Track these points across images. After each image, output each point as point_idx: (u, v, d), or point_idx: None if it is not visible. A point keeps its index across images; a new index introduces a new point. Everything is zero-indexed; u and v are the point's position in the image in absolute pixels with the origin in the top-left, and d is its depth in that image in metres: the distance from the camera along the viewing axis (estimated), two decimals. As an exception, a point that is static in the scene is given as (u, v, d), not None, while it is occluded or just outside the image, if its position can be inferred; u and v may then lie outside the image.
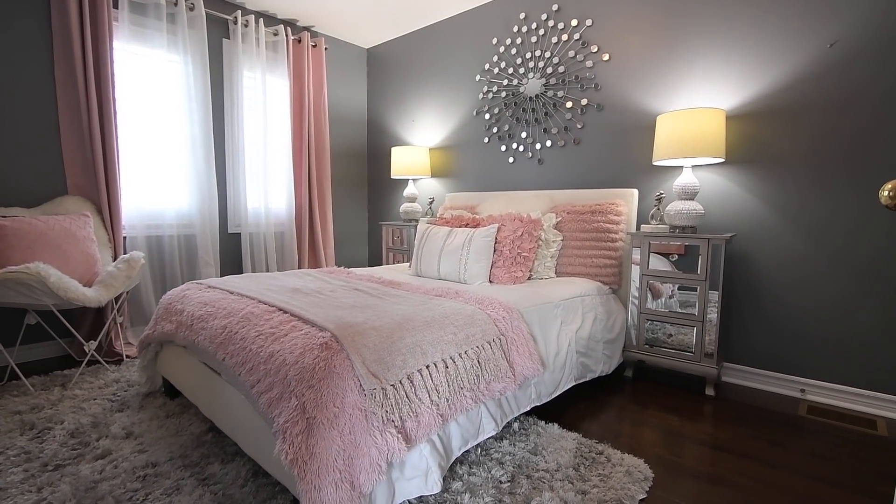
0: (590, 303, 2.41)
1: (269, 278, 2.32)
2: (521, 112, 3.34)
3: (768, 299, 2.42)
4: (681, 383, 2.53)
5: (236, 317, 1.65)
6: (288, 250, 3.90)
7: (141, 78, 3.14)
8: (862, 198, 2.16)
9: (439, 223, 2.95)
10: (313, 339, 1.36)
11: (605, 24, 2.90)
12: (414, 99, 4.12)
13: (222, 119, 3.58)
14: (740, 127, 2.45)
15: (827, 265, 2.25)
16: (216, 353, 1.59)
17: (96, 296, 2.35)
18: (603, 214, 2.67)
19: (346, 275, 2.55)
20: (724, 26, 2.46)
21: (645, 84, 2.76)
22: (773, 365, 2.44)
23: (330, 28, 4.03)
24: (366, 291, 2.04)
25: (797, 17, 2.26)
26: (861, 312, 2.18)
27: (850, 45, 2.15)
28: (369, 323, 1.48)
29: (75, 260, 2.48)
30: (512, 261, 2.52)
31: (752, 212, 2.45)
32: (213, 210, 3.45)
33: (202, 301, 1.88)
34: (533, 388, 1.90)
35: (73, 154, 2.88)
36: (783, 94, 2.33)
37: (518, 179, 3.41)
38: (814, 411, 2.20)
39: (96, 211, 2.88)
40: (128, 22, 3.04)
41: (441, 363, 1.50)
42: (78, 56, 2.81)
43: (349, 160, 4.51)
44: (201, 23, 3.33)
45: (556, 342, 2.07)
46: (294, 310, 1.61)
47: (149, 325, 2.14)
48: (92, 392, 2.27)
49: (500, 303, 1.90)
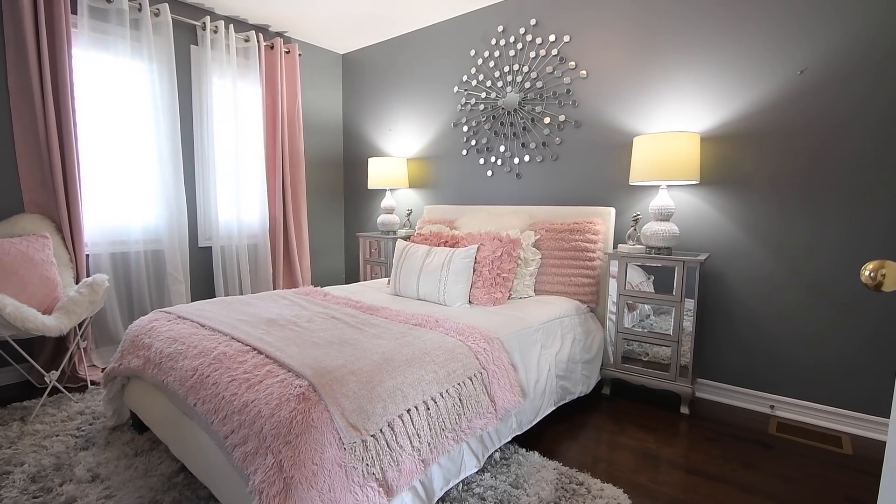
0: (568, 324, 2.43)
1: (243, 305, 2.25)
2: (500, 126, 3.32)
3: (740, 317, 2.49)
4: (657, 399, 2.57)
5: (208, 357, 1.58)
6: (262, 263, 3.80)
7: (103, 87, 2.98)
8: (818, 220, 2.22)
9: (418, 240, 2.91)
10: (290, 388, 1.32)
11: (583, 40, 2.90)
12: (391, 107, 4.06)
13: (191, 128, 3.44)
14: (714, 148, 2.49)
15: (790, 283, 2.32)
16: (186, 397, 1.52)
17: (57, 324, 2.23)
18: (581, 233, 2.69)
19: (322, 297, 2.49)
20: (700, 49, 2.49)
21: (622, 102, 2.78)
22: (744, 381, 2.50)
23: (303, 33, 3.93)
24: (343, 321, 2.00)
25: (770, 43, 2.30)
26: (825, 332, 2.25)
27: (819, 72, 2.20)
28: (348, 367, 1.44)
29: (33, 285, 2.35)
30: (492, 282, 2.51)
31: (724, 232, 2.50)
32: (181, 223, 3.32)
33: (171, 336, 1.80)
34: (514, 417, 1.90)
35: (30, 169, 2.72)
36: (755, 118, 2.37)
37: (497, 193, 3.40)
38: (783, 428, 2.27)
39: (56, 230, 2.73)
40: (88, 28, 2.88)
41: (422, 405, 1.47)
42: (34, 64, 2.65)
43: (325, 168, 4.42)
44: (167, 29, 3.18)
45: (537, 369, 2.07)
46: (269, 350, 1.55)
47: (114, 358, 2.04)
48: (54, 427, 2.16)
49: (480, 333, 1.89)
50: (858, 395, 2.20)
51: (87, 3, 2.87)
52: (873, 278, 0.76)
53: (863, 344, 2.18)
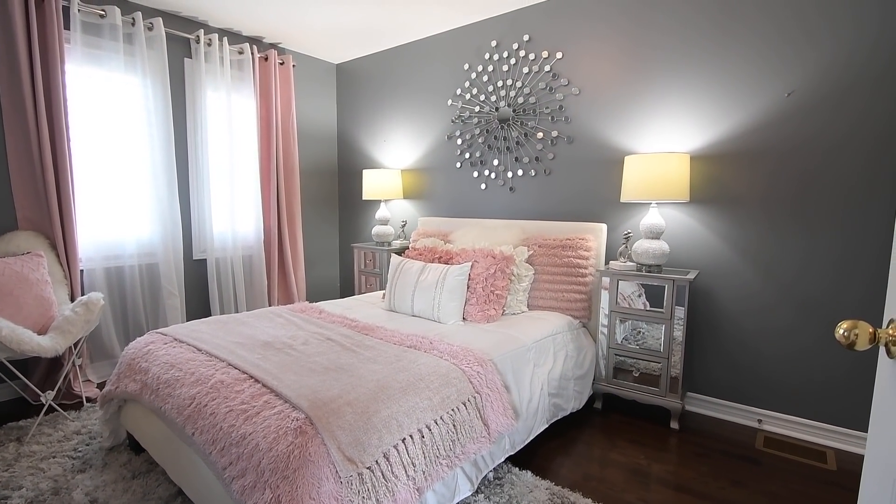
0: (561, 340, 2.47)
1: (239, 325, 2.26)
2: (493, 139, 3.35)
3: (728, 333, 2.54)
4: (648, 413, 2.62)
5: (205, 385, 1.60)
6: (257, 275, 3.81)
7: (97, 102, 2.98)
8: (807, 239, 2.28)
9: (413, 255, 2.94)
10: (287, 421, 1.34)
11: (576, 58, 2.93)
12: (386, 118, 4.08)
13: (185, 141, 3.44)
14: (703, 167, 2.54)
15: (779, 300, 2.37)
16: (184, 426, 1.54)
17: (52, 345, 2.24)
18: (573, 249, 2.73)
19: (318, 315, 2.51)
20: (691, 69, 2.53)
21: (614, 120, 2.81)
22: (732, 395, 2.55)
23: (297, 44, 3.93)
24: (339, 342, 2.02)
25: (759, 65, 2.35)
26: (811, 348, 2.31)
27: (809, 95, 2.24)
28: (344, 397, 1.47)
29: (28, 305, 2.36)
30: (485, 299, 2.55)
31: (714, 249, 2.54)
32: (176, 236, 3.33)
33: (168, 361, 1.82)
34: (507, 438, 1.93)
35: (24, 186, 2.72)
36: (744, 138, 2.42)
37: (490, 206, 3.44)
38: (770, 443, 2.32)
39: (50, 246, 2.74)
40: (81, 44, 2.88)
41: (417, 433, 1.51)
42: (26, 81, 2.64)
43: (320, 178, 4.43)
44: (161, 43, 3.18)
45: (529, 388, 2.11)
46: (266, 379, 1.58)
47: (111, 380, 2.06)
48: (51, 447, 2.17)
49: (474, 356, 1.92)
50: (843, 411, 2.26)
51: (81, 19, 2.87)
52: (847, 337, 0.79)
53: (847, 360, 2.23)
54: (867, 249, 2.15)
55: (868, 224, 2.14)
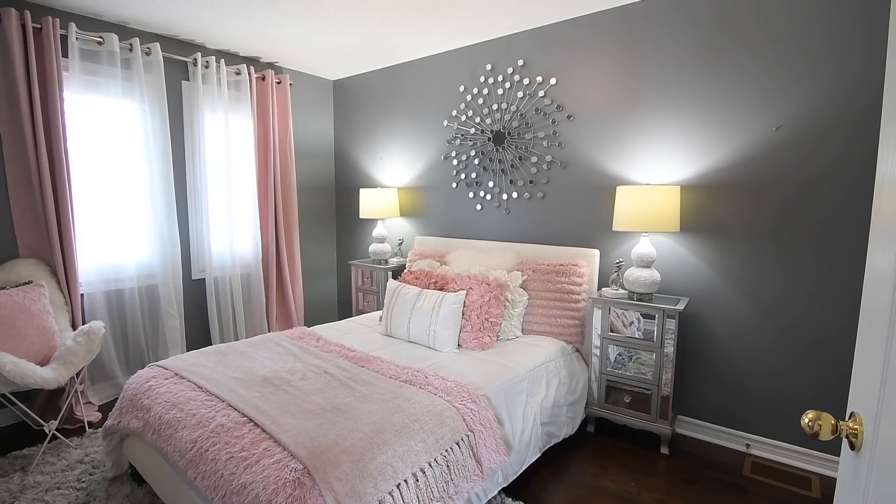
0: (554, 368, 2.52)
1: (238, 356, 2.31)
2: (489, 161, 3.39)
3: (717, 357, 2.59)
4: (639, 437, 2.67)
5: (206, 429, 1.65)
6: (255, 292, 3.85)
7: (95, 128, 3.01)
8: (792, 269, 2.33)
9: (409, 279, 2.98)
10: (285, 472, 1.39)
11: (569, 84, 2.97)
12: (382, 135, 4.11)
13: (183, 163, 3.48)
14: (694, 197, 2.58)
15: (767, 329, 2.43)
16: (186, 469, 1.59)
17: (55, 376, 2.28)
18: (567, 276, 2.78)
19: (315, 342, 2.56)
20: (681, 102, 2.57)
21: (606, 147, 2.86)
22: (721, 419, 2.62)
23: (294, 62, 3.95)
24: (336, 376, 2.07)
25: (746, 101, 2.39)
26: (793, 373, 2.37)
27: (794, 130, 2.29)
28: (340, 444, 1.52)
29: (31, 336, 2.40)
30: (480, 326, 2.60)
31: (703, 277, 2.60)
32: (175, 257, 3.37)
33: (170, 401, 1.87)
34: (500, 471, 1.99)
35: (24, 214, 2.76)
36: (733, 170, 2.47)
37: (485, 227, 3.48)
38: (757, 468, 2.38)
39: (51, 273, 2.77)
40: (79, 71, 2.91)
41: (412, 478, 1.56)
42: (25, 109, 2.67)
43: (317, 194, 4.46)
44: (158, 67, 3.21)
45: (522, 420, 2.16)
46: (265, 423, 1.63)
47: (113, 414, 2.10)
48: (55, 477, 2.22)
49: (468, 392, 1.97)
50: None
51: (79, 47, 2.89)
52: (811, 427, 0.84)
53: (831, 386, 2.29)
54: (846, 277, 2.20)
55: (846, 253, 2.20)
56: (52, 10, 2.84)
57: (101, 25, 3.02)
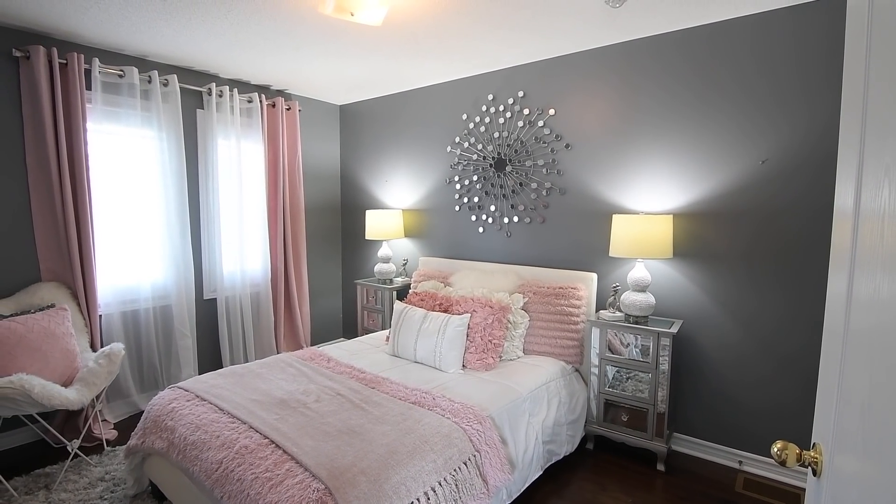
0: (554, 388, 2.64)
1: (254, 378, 2.42)
2: (490, 186, 3.54)
3: (711, 378, 2.72)
4: (636, 454, 2.78)
5: (231, 450, 1.77)
6: (264, 310, 3.97)
7: (115, 156, 3.16)
8: (784, 296, 2.46)
9: (414, 301, 3.11)
10: (308, 492, 1.51)
11: (567, 115, 3.13)
12: (387, 158, 4.26)
13: (197, 188, 3.62)
14: (686, 224, 2.73)
15: (757, 351, 2.56)
16: (213, 489, 1.70)
17: (79, 398, 2.39)
18: (566, 298, 2.91)
19: (326, 363, 2.68)
20: (673, 134, 2.73)
21: (602, 176, 3.00)
22: (715, 437, 2.73)
23: (303, 89, 4.11)
24: (348, 398, 2.19)
25: (736, 134, 2.55)
26: (784, 394, 2.49)
27: (781, 164, 2.44)
28: (357, 465, 1.64)
29: (55, 359, 2.51)
30: (483, 347, 2.72)
31: (697, 301, 2.73)
32: (188, 279, 3.49)
33: (193, 423, 1.98)
34: (504, 489, 2.10)
35: (47, 239, 2.89)
36: (723, 200, 2.61)
37: (487, 249, 3.62)
38: (749, 485, 2.50)
39: (72, 296, 2.89)
40: (101, 103, 3.05)
41: (423, 496, 1.67)
42: (51, 140, 2.81)
43: (324, 215, 4.60)
44: (175, 97, 3.36)
45: (525, 439, 2.28)
46: (287, 445, 1.74)
47: (136, 434, 2.21)
48: (78, 495, 2.32)
49: (473, 413, 2.09)
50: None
51: (101, 80, 3.04)
52: (779, 456, 0.97)
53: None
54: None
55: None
56: (78, 45, 2.99)
57: (122, 59, 3.18)
